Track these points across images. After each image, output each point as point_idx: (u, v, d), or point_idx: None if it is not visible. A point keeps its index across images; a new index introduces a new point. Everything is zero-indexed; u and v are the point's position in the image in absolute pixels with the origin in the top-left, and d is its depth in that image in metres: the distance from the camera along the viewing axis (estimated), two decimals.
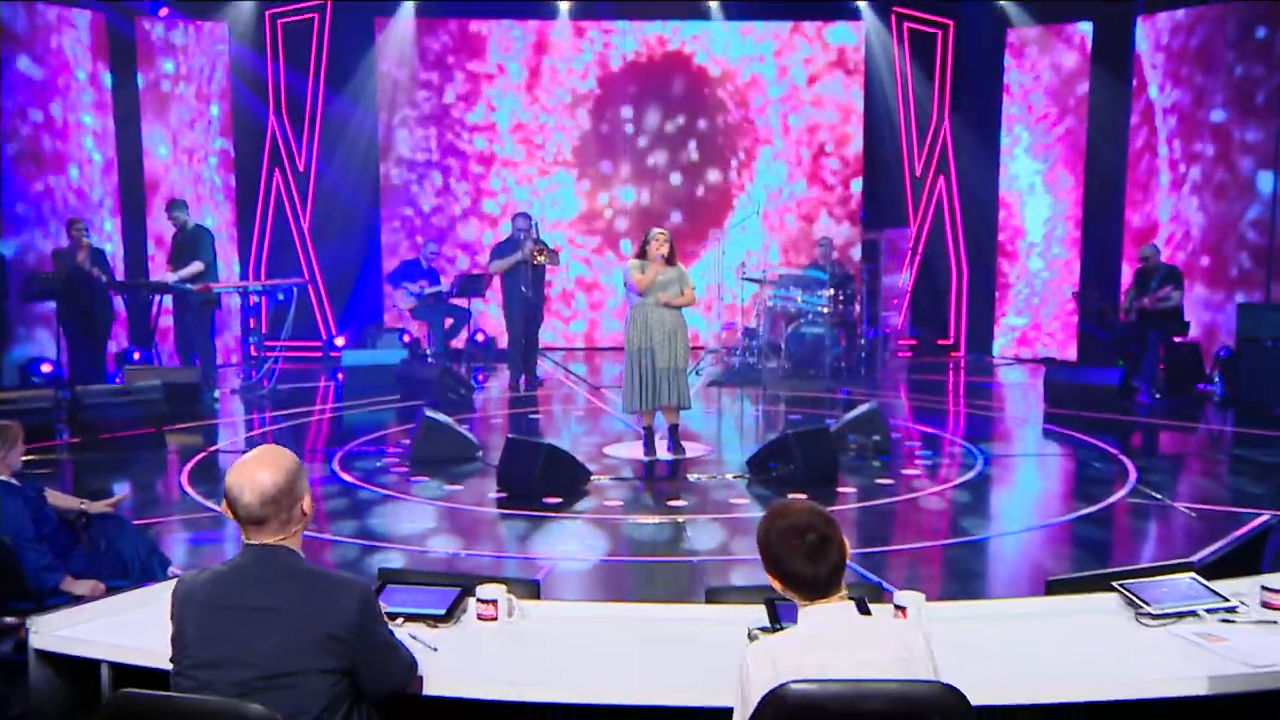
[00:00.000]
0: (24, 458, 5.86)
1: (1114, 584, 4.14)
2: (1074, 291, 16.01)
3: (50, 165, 14.29)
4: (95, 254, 13.12)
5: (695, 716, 3.34)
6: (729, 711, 3.04)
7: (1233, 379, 13.04)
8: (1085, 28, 16.30)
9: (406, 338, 15.67)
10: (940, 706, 2.78)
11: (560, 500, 9.03)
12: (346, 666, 3.07)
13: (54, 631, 3.70)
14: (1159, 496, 9.30)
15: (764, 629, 3.63)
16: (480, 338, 16.42)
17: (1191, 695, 3.46)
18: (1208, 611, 3.95)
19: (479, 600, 3.84)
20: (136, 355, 13.91)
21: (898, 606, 3.81)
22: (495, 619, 3.83)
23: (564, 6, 16.64)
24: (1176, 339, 13.69)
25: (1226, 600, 4.02)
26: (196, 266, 13.50)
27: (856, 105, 17.55)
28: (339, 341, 16.11)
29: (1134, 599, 4.02)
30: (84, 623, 3.78)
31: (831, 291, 14.99)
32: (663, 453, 10.41)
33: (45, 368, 13.13)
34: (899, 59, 17.19)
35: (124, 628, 3.74)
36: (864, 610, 3.76)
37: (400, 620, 3.77)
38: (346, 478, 9.89)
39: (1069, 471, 10.69)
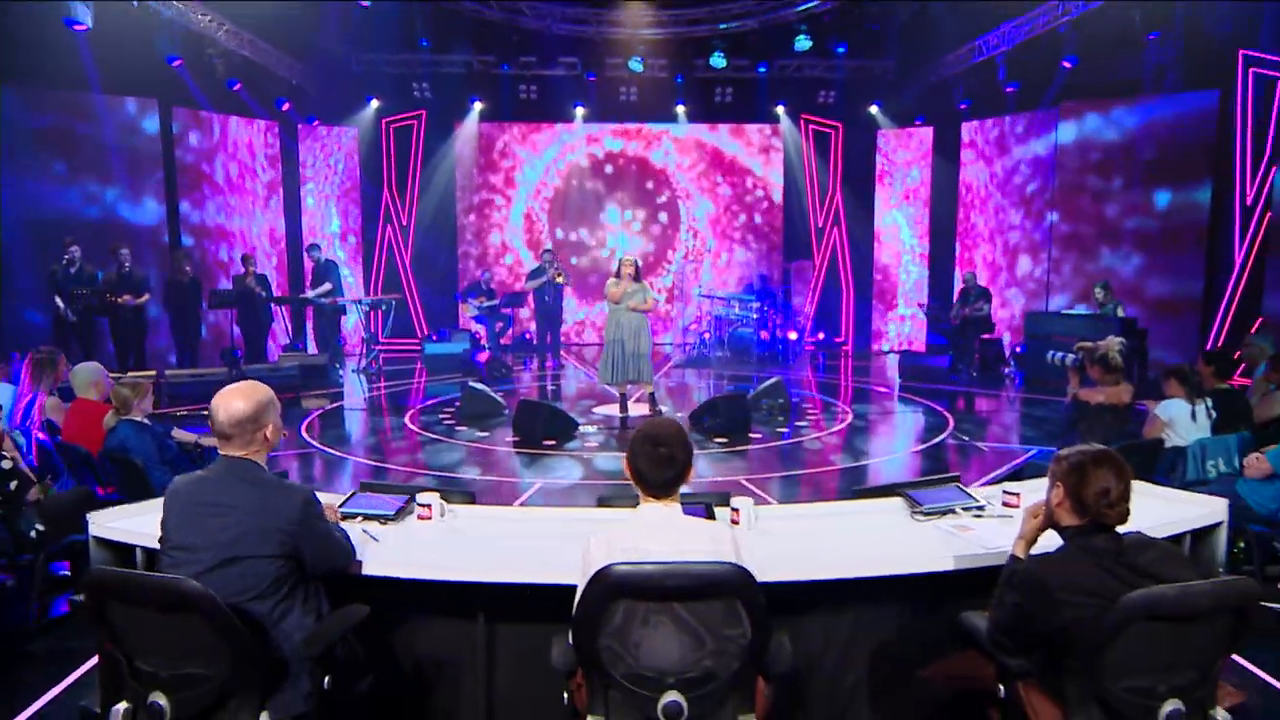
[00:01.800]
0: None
1: (899, 490, 3.74)
2: (920, 305, 15.60)
3: (237, 219, 14.12)
4: (259, 278, 12.82)
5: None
6: None
7: (1023, 363, 12.66)
8: (928, 129, 15.90)
9: (478, 337, 15.23)
10: (731, 583, 2.39)
11: (554, 443, 8.63)
12: (291, 553, 2.68)
13: (106, 523, 3.34)
14: (967, 439, 8.99)
15: None
16: (528, 336, 15.94)
17: (942, 570, 3.08)
18: (963, 509, 3.60)
19: (418, 504, 3.42)
20: (318, 349, 13.63)
21: (733, 508, 3.40)
22: (430, 519, 3.41)
23: (579, 112, 16.17)
24: (986, 336, 13.32)
25: (978, 501, 3.64)
26: (326, 287, 13.23)
27: (778, 179, 17.02)
28: (434, 339, 15.67)
29: (911, 501, 3.63)
30: (128, 518, 3.40)
31: (758, 304, 14.68)
32: (635, 411, 9.93)
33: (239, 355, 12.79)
34: (806, 149, 16.67)
35: (154, 522, 3.33)
36: (709, 514, 3.38)
37: (360, 518, 3.37)
38: (412, 427, 9.52)
39: (909, 422, 10.24)
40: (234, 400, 2.74)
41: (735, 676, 2.44)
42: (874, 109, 16.11)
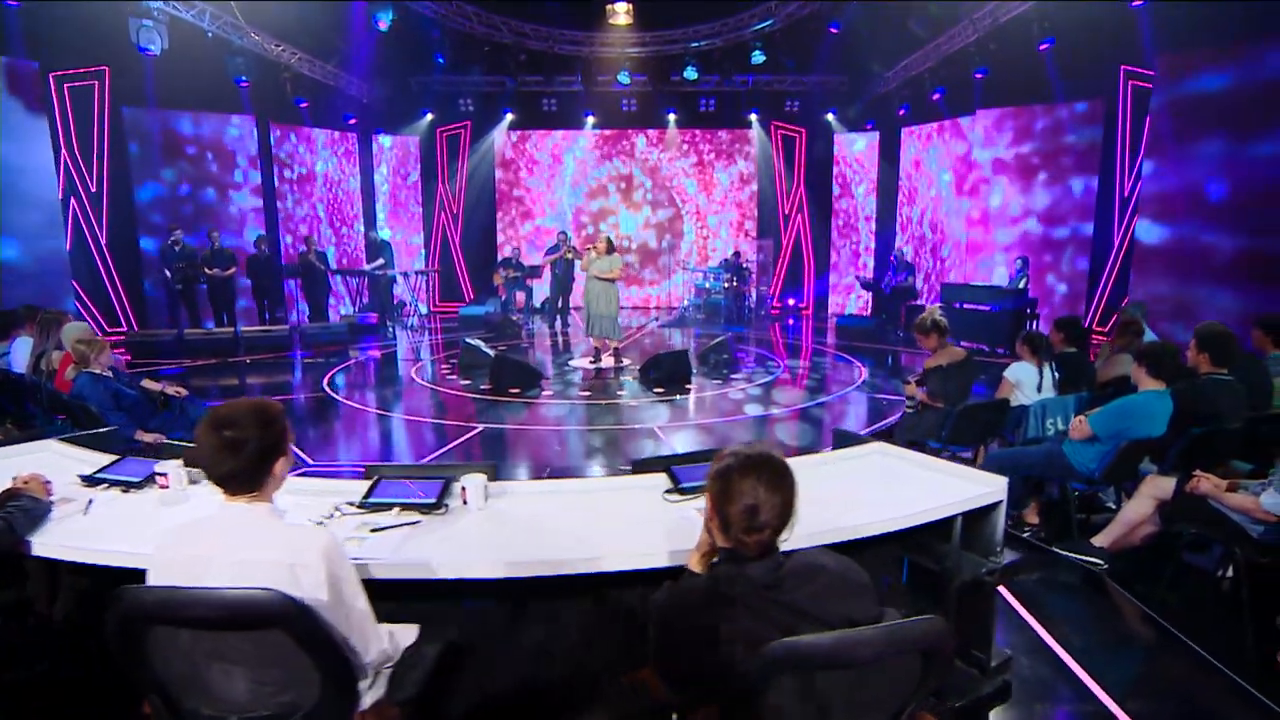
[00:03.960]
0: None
1: (667, 465, 2.64)
2: (858, 277, 14.30)
3: (319, 205, 13.26)
4: (319, 254, 12.03)
5: None
6: None
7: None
8: (874, 134, 14.37)
9: (514, 301, 14.29)
10: (270, 615, 1.47)
11: (518, 391, 7.71)
12: None
13: None
14: (869, 390, 7.87)
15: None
16: (545, 301, 14.95)
17: (651, 569, 2.05)
18: None
19: (157, 473, 2.51)
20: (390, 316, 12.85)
21: (462, 486, 2.41)
22: (168, 487, 2.50)
23: (589, 120, 15.01)
24: (911, 303, 12.02)
25: None
26: (380, 261, 12.43)
27: (753, 174, 15.69)
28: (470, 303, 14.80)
29: (673, 477, 2.55)
30: None
31: (729, 276, 13.54)
32: (606, 363, 8.99)
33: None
34: (774, 150, 15.35)
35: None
36: (445, 489, 2.43)
37: (105, 485, 2.49)
38: (415, 376, 8.69)
39: (828, 375, 9.03)
40: None
41: (322, 711, 1.54)
42: (830, 116, 14.69)
